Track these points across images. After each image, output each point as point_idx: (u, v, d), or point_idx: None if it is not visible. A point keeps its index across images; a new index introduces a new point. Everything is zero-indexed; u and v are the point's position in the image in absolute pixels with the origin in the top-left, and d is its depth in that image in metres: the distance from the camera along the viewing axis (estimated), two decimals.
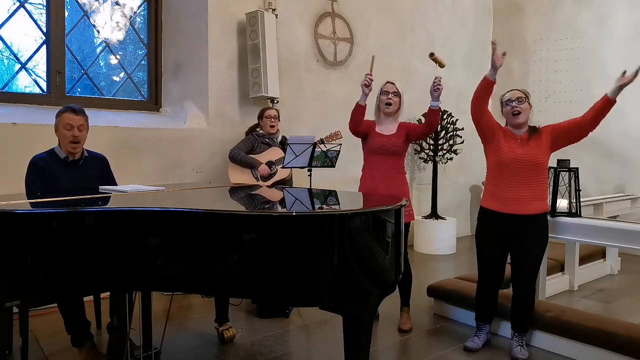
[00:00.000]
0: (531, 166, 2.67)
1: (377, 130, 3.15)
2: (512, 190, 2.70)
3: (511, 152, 2.69)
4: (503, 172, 2.72)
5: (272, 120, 3.93)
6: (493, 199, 2.78)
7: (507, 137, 2.75)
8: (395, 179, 3.11)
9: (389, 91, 3.12)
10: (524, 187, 2.68)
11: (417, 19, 5.91)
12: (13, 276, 1.85)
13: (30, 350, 2.59)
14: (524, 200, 2.68)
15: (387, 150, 3.09)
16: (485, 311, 2.97)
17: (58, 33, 3.87)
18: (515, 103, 2.70)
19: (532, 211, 2.69)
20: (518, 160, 2.68)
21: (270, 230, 1.82)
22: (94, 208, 2.03)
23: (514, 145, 2.71)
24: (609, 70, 5.70)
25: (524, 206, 2.69)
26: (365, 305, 1.94)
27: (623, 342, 2.60)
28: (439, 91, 2.99)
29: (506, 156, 2.70)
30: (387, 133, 3.13)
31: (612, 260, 4.70)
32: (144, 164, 3.96)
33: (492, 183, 2.80)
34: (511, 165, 2.69)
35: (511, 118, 2.73)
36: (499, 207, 2.74)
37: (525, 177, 2.68)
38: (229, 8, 4.35)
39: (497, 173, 2.76)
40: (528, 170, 2.67)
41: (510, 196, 2.70)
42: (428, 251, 5.49)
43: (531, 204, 2.69)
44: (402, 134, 3.11)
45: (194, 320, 3.34)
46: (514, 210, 2.70)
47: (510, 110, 2.72)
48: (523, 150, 2.68)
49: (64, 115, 2.65)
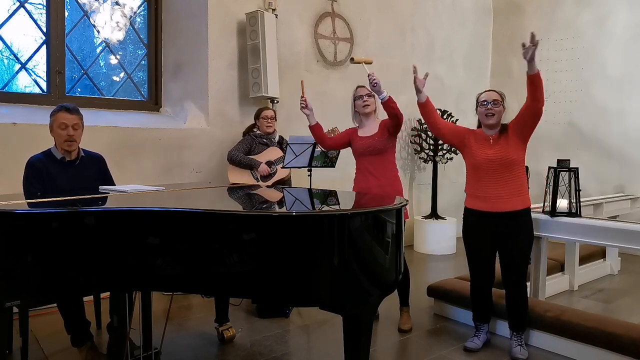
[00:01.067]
0: (504, 164, 2.70)
1: (359, 134, 3.22)
2: (490, 189, 2.75)
3: (483, 154, 2.75)
4: (479, 173, 2.78)
5: (269, 120, 3.93)
6: (475, 199, 2.83)
7: (478, 139, 2.81)
8: (387, 177, 3.14)
9: (363, 94, 3.18)
10: (501, 185, 2.72)
11: (417, 19, 5.91)
12: (13, 276, 1.86)
13: (30, 350, 2.59)
14: (503, 198, 2.72)
15: (373, 150, 3.13)
16: (481, 311, 2.98)
17: (58, 33, 3.87)
18: (490, 105, 2.74)
19: (513, 207, 2.72)
20: (490, 160, 2.72)
21: (270, 230, 1.82)
22: (94, 208, 2.02)
23: (485, 147, 2.76)
24: (609, 70, 5.71)
25: (504, 203, 2.72)
26: (365, 305, 1.94)
27: (623, 342, 2.60)
28: (378, 85, 3.00)
29: (479, 158, 2.76)
30: (369, 134, 3.17)
31: (612, 260, 4.70)
32: (144, 164, 3.96)
33: (472, 184, 2.86)
34: (485, 165, 2.74)
35: (484, 119, 2.77)
36: (482, 206, 2.79)
37: (501, 175, 2.72)
38: (229, 8, 4.35)
39: (475, 175, 2.82)
40: (502, 169, 2.71)
41: (490, 194, 2.75)
42: (428, 251, 5.49)
43: (511, 201, 2.72)
44: (384, 131, 3.15)
45: (194, 320, 3.34)
46: (495, 208, 2.74)
47: (484, 111, 2.75)
48: (494, 150, 2.73)
49: (58, 115, 2.64)
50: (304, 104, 3.22)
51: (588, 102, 5.87)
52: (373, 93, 3.16)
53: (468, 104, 5.55)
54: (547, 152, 5.85)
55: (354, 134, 3.25)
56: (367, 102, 3.17)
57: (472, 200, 2.85)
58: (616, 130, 5.66)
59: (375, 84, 2.99)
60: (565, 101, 6.03)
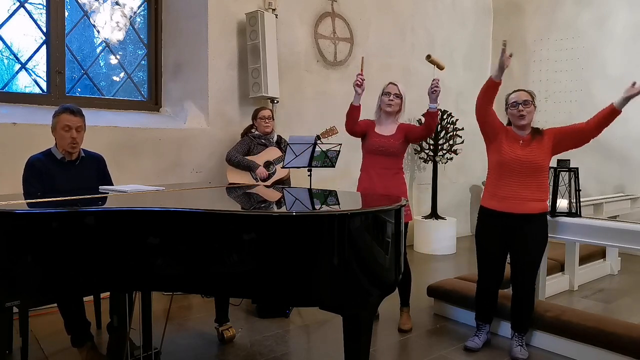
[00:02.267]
0: (531, 167, 2.68)
1: (376, 130, 3.16)
2: (511, 189, 2.71)
3: (512, 153, 2.71)
4: (503, 171, 2.74)
5: (267, 120, 3.93)
6: (493, 198, 2.79)
7: (509, 137, 2.76)
8: (393, 179, 3.12)
9: (391, 92, 3.13)
10: (524, 187, 2.69)
11: (417, 19, 5.91)
12: (13, 276, 1.85)
13: (30, 350, 2.59)
14: (522, 200, 2.69)
15: (385, 151, 3.10)
16: (485, 311, 2.97)
17: (58, 33, 3.87)
18: (521, 106, 2.70)
19: (531, 210, 2.70)
20: (519, 160, 2.69)
21: (270, 230, 1.81)
22: (94, 208, 2.02)
23: (515, 146, 2.72)
24: (609, 70, 5.71)
25: (522, 206, 2.70)
26: (365, 305, 1.93)
27: (623, 342, 2.60)
28: (437, 93, 2.99)
29: (507, 156, 2.71)
30: (386, 134, 3.13)
31: (612, 260, 4.70)
32: (144, 164, 3.96)
33: (493, 182, 2.81)
34: (512, 165, 2.70)
35: (516, 119, 2.74)
36: (498, 206, 2.76)
37: (525, 178, 2.69)
38: (229, 8, 4.35)
39: (498, 172, 2.77)
40: (528, 171, 2.68)
41: (509, 195, 2.72)
42: (428, 251, 5.49)
43: (530, 204, 2.70)
44: (401, 135, 3.12)
45: (194, 320, 3.34)
46: (512, 209, 2.71)
47: (516, 112, 2.72)
48: (524, 152, 2.70)
49: (62, 116, 2.64)
50: (359, 82, 3.00)
51: (588, 102, 5.86)
52: (403, 94, 3.14)
53: (468, 104, 5.54)
54: None
55: (371, 127, 3.17)
56: (392, 101, 3.11)
57: (490, 200, 2.81)
58: (616, 130, 5.61)
59: (434, 90, 2.97)
60: (565, 101, 6.03)
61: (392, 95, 3.12)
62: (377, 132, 3.15)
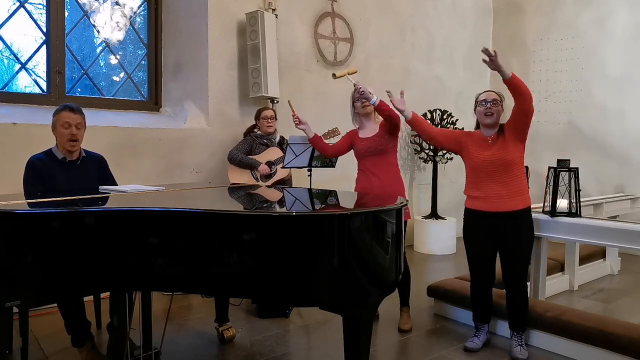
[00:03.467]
0: (503, 164, 2.71)
1: (360, 135, 3.23)
2: (490, 189, 2.75)
3: (480, 155, 2.76)
4: (478, 174, 2.79)
5: (269, 120, 3.94)
6: (475, 199, 2.83)
7: (475, 141, 2.82)
8: (389, 176, 3.15)
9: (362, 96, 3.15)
10: (501, 185, 2.73)
11: (417, 19, 5.91)
12: (13, 276, 1.85)
13: (30, 350, 2.59)
14: (503, 198, 2.72)
15: (374, 151, 3.14)
16: (481, 311, 2.98)
17: (58, 33, 3.87)
18: (490, 105, 2.74)
19: (513, 207, 2.73)
20: (489, 161, 2.73)
21: (270, 230, 1.82)
22: (94, 208, 2.02)
23: (483, 148, 2.77)
24: (609, 70, 5.71)
25: (504, 203, 2.73)
26: (365, 305, 1.93)
27: (623, 342, 2.60)
28: (365, 92, 3.01)
29: (477, 160, 2.77)
30: (370, 135, 3.19)
31: (612, 260, 4.70)
32: (144, 164, 3.96)
33: (471, 185, 2.86)
34: (483, 167, 2.75)
35: (482, 118, 2.78)
36: (482, 206, 2.79)
37: (500, 176, 2.72)
38: (229, 8, 4.35)
39: (474, 176, 2.83)
40: (501, 169, 2.72)
41: (489, 195, 2.75)
42: (428, 251, 5.49)
43: (511, 201, 2.72)
44: (384, 130, 3.16)
45: (194, 320, 3.34)
46: (496, 208, 2.74)
47: (483, 110, 2.76)
48: (492, 151, 2.73)
49: (61, 114, 2.64)
50: (297, 121, 3.29)
51: (588, 102, 5.86)
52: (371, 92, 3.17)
53: (468, 104, 5.54)
54: (547, 152, 5.85)
55: (355, 136, 3.26)
56: (365, 103, 3.16)
57: (472, 201, 2.85)
58: (616, 130, 5.66)
59: (362, 92, 3.02)
60: (565, 101, 6.03)
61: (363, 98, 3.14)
62: (362, 136, 3.22)
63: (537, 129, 5.95)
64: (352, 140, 3.26)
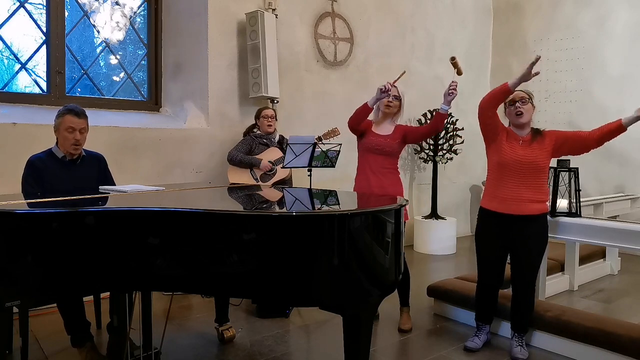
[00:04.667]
0: (532, 168, 2.68)
1: (373, 129, 3.19)
2: (511, 190, 2.71)
3: (513, 153, 2.70)
4: (504, 172, 2.73)
5: (270, 120, 3.94)
6: (493, 199, 2.79)
7: (509, 137, 2.76)
8: (390, 178, 3.14)
9: (391, 93, 3.13)
10: (524, 188, 2.69)
11: (417, 19, 5.91)
12: (13, 276, 1.85)
13: (30, 350, 2.59)
14: (522, 201, 2.69)
15: (381, 150, 3.13)
16: (485, 311, 2.97)
17: (58, 33, 3.87)
18: (519, 104, 2.71)
19: (531, 212, 2.70)
20: (519, 161, 2.69)
21: (270, 230, 1.81)
22: (94, 208, 2.02)
23: (515, 146, 2.72)
24: (609, 70, 5.71)
25: (522, 206, 2.69)
26: (365, 305, 1.93)
27: (623, 342, 2.60)
28: (453, 95, 2.97)
29: (507, 157, 2.71)
30: (383, 133, 3.16)
31: (612, 260, 4.70)
32: (144, 164, 3.96)
33: (493, 183, 2.81)
34: (512, 165, 2.70)
35: (514, 118, 2.74)
36: (498, 207, 2.75)
37: (525, 179, 2.69)
38: (229, 8, 4.35)
39: (498, 173, 2.77)
40: (528, 172, 2.68)
41: (509, 196, 2.71)
42: (428, 251, 5.49)
43: (530, 205, 2.70)
44: (398, 135, 3.14)
45: (194, 320, 3.34)
46: (513, 211, 2.71)
47: (513, 110, 2.73)
48: (525, 152, 2.70)
49: (66, 118, 2.63)
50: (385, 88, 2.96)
51: (588, 102, 5.86)
52: (402, 96, 3.17)
53: (468, 104, 5.56)
54: None
55: (369, 126, 3.19)
56: (391, 102, 3.13)
57: (490, 201, 2.81)
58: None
59: (451, 92, 2.96)
60: (565, 101, 6.03)
61: (392, 97, 3.13)
62: (375, 131, 3.18)
63: None
64: (365, 129, 3.17)
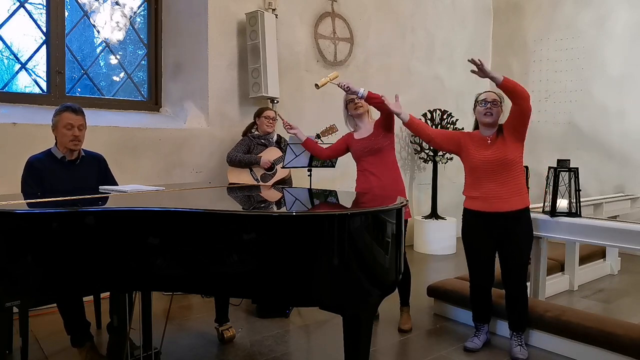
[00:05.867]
0: (502, 164, 2.71)
1: (355, 137, 3.23)
2: (488, 189, 2.75)
3: (480, 156, 2.76)
4: (478, 174, 2.79)
5: (271, 120, 3.94)
6: (474, 200, 2.83)
7: (474, 141, 2.82)
8: (389, 176, 3.14)
9: (353, 98, 3.17)
10: (500, 185, 2.73)
11: (417, 19, 5.91)
12: (13, 276, 1.85)
13: (30, 350, 2.59)
14: (502, 198, 2.73)
15: (371, 150, 3.14)
16: (481, 311, 2.98)
17: (58, 33, 3.87)
18: (489, 105, 2.75)
19: (512, 207, 2.73)
20: (488, 161, 2.73)
21: (270, 230, 1.81)
22: (94, 208, 2.02)
23: (482, 148, 2.77)
24: (609, 70, 5.71)
25: (503, 203, 2.73)
26: (365, 305, 1.93)
27: (623, 342, 2.60)
28: (350, 87, 3.02)
29: (477, 160, 2.77)
30: (365, 135, 3.19)
31: (612, 260, 4.70)
32: (144, 164, 3.96)
33: (470, 185, 2.86)
34: (483, 167, 2.75)
35: (482, 117, 2.78)
36: (481, 207, 2.79)
37: (499, 175, 2.73)
38: (229, 8, 4.35)
39: (473, 176, 2.83)
40: (500, 169, 2.72)
41: (488, 195, 2.75)
42: (428, 251, 5.49)
43: (510, 201, 2.72)
44: (379, 130, 3.17)
45: (194, 320, 3.34)
46: (495, 208, 2.74)
47: (482, 110, 2.77)
48: (491, 151, 2.74)
49: (63, 115, 2.64)
50: (288, 127, 3.39)
51: (588, 102, 5.86)
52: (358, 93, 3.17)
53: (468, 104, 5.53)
54: (547, 152, 5.85)
55: (350, 138, 3.26)
56: (358, 103, 3.17)
57: (471, 201, 2.85)
58: (616, 130, 5.65)
59: (347, 88, 3.03)
60: (565, 101, 6.03)
61: (356, 99, 3.15)
62: (357, 138, 3.22)
63: (537, 129, 5.95)
64: (347, 144, 3.27)
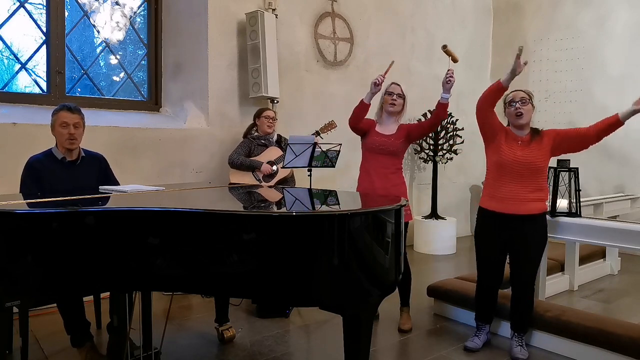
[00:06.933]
0: (530, 168, 2.67)
1: (377, 129, 3.17)
2: (510, 190, 2.71)
3: (511, 154, 2.70)
4: (502, 172, 2.73)
5: (271, 121, 3.94)
6: (492, 199, 2.79)
7: (508, 138, 2.76)
8: (393, 179, 3.12)
9: (394, 92, 3.14)
10: (522, 187, 2.69)
11: (417, 19, 5.91)
12: (13, 276, 1.85)
13: (30, 350, 2.59)
14: (522, 201, 2.69)
15: (385, 150, 3.10)
16: (485, 311, 2.97)
17: (58, 33, 3.87)
18: (518, 104, 2.70)
19: (530, 211, 2.70)
20: (518, 161, 2.68)
21: (270, 230, 1.81)
22: (94, 208, 2.02)
23: (514, 147, 2.71)
24: (609, 70, 5.70)
25: (522, 206, 2.69)
26: (365, 305, 1.93)
27: (623, 342, 2.60)
28: (451, 83, 2.99)
29: (506, 157, 2.71)
30: (387, 133, 3.14)
31: (612, 260, 4.70)
32: (144, 164, 3.96)
33: (491, 183, 2.81)
34: (510, 166, 2.70)
35: (514, 119, 2.73)
36: (498, 207, 2.75)
37: (524, 179, 2.69)
38: (229, 8, 4.35)
39: (497, 173, 2.77)
40: (527, 172, 2.68)
41: (508, 196, 2.71)
42: (428, 251, 5.49)
43: (529, 204, 2.70)
44: (402, 134, 3.13)
45: (194, 320, 3.34)
46: (512, 210, 2.71)
47: (513, 111, 2.72)
48: (523, 152, 2.69)
49: (59, 114, 2.64)
50: (378, 81, 3.02)
51: (588, 102, 5.86)
52: (405, 95, 3.16)
53: (468, 104, 5.54)
54: None
55: (372, 126, 3.18)
56: (395, 101, 3.13)
57: (489, 201, 2.80)
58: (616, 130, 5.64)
59: (449, 80, 2.98)
60: (565, 101, 6.03)
61: (395, 95, 3.13)
62: (378, 131, 3.16)
63: None
64: (368, 128, 3.16)
